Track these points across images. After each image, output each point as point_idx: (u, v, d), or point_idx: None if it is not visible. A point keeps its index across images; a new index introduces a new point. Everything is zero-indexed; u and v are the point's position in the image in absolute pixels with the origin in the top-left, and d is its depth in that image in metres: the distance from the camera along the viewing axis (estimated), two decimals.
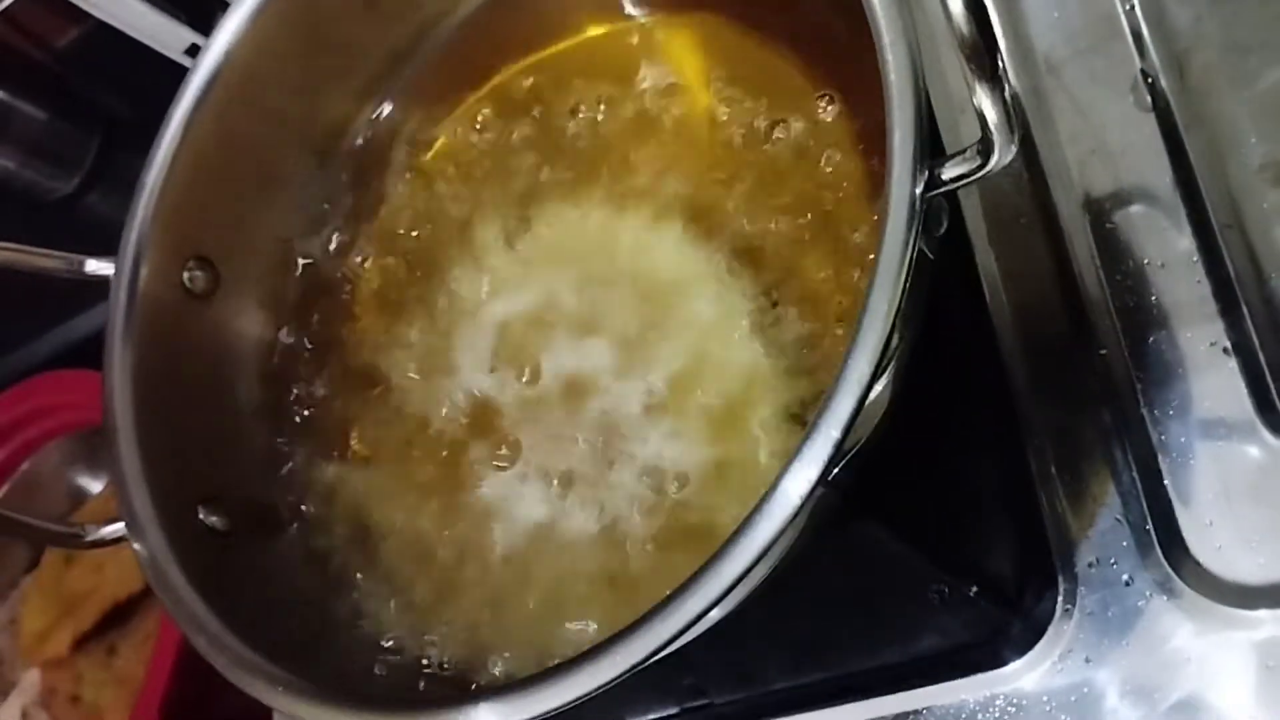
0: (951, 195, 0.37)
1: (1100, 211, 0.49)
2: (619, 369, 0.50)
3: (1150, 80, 0.49)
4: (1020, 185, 0.51)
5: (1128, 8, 0.50)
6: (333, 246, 0.61)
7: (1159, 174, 0.48)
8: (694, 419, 0.48)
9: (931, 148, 0.36)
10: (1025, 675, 0.46)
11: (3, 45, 0.84)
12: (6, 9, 0.80)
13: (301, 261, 0.61)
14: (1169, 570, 0.44)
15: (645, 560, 0.47)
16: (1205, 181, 0.47)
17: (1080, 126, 0.50)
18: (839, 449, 0.34)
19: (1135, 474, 0.46)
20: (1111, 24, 0.50)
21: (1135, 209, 0.48)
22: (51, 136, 0.94)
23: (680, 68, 0.55)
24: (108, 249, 0.53)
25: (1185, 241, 0.47)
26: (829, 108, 0.49)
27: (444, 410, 0.54)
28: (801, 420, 0.45)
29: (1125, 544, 0.45)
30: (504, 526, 0.51)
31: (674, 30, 0.56)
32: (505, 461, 0.51)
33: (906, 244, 0.35)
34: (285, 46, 0.56)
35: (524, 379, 0.52)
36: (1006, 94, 0.33)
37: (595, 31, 0.58)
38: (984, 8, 0.31)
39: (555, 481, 0.50)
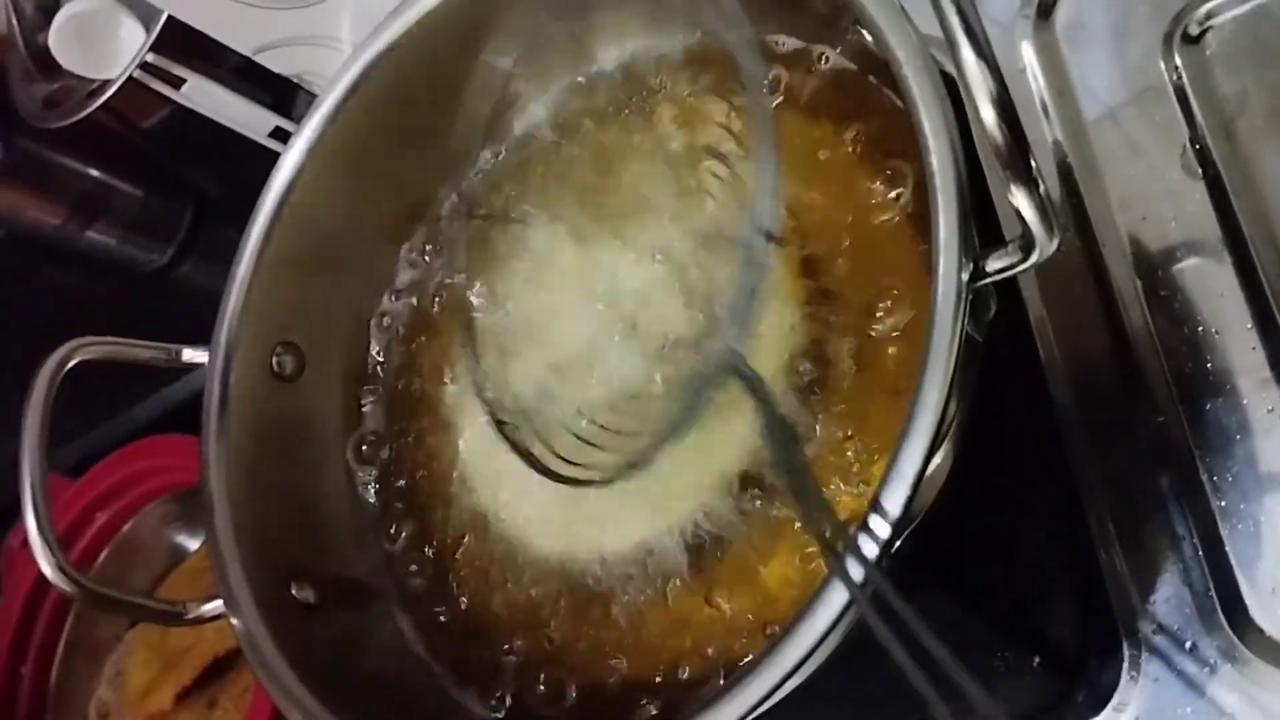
0: None
1: (1153, 278, 0.49)
2: None
3: (1199, 147, 0.49)
4: (1074, 252, 0.51)
5: (1174, 77, 0.50)
6: (408, 320, 0.63)
7: (1211, 240, 0.48)
8: None
9: (979, 238, 0.37)
10: None
11: (101, 128, 0.88)
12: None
13: (383, 337, 0.63)
14: (1233, 637, 0.44)
15: None
16: (1257, 247, 0.47)
17: (1131, 194, 0.51)
18: (896, 530, 0.35)
19: (1196, 540, 0.46)
20: (1159, 93, 0.51)
21: (1188, 275, 0.48)
22: (147, 212, 0.99)
23: None
24: (200, 315, 0.55)
25: (1239, 307, 0.47)
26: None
27: None
28: None
29: (1188, 611, 0.45)
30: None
31: None
32: None
33: (954, 333, 0.36)
34: (366, 141, 0.58)
35: None
36: (1042, 191, 0.34)
37: None
38: (1015, 115, 0.33)
39: None
